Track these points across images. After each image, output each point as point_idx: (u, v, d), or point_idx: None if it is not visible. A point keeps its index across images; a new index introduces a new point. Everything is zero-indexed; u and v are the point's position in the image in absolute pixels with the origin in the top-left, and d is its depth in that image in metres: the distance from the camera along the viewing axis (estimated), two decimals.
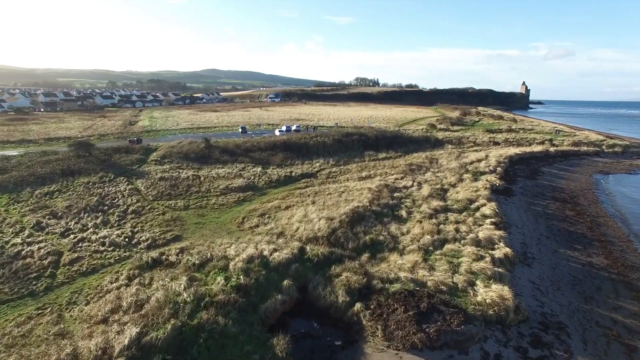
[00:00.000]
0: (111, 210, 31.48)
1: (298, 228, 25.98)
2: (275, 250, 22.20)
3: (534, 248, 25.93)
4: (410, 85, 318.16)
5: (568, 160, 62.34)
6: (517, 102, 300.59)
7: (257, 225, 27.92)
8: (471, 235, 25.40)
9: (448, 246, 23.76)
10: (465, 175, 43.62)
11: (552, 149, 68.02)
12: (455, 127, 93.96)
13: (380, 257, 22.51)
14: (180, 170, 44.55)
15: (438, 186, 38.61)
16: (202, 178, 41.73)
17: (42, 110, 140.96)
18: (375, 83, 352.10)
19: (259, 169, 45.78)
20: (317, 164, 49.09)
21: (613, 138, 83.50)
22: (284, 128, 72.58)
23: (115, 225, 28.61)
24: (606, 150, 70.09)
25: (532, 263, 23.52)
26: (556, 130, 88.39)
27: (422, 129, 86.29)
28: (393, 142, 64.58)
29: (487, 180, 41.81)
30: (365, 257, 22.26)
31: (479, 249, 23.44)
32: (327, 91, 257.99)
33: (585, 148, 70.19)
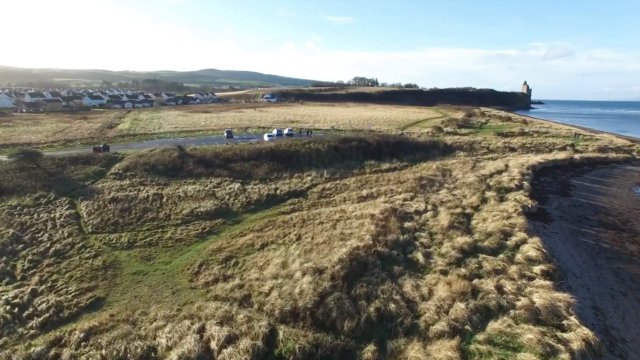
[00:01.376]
0: (25, 252, 23.35)
1: (271, 290, 17.87)
2: (229, 339, 14.18)
3: (614, 317, 17.93)
4: (409, 85, 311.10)
5: (597, 170, 54.37)
6: (518, 102, 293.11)
7: (215, 280, 19.81)
8: (522, 300, 17.36)
9: (494, 325, 15.71)
10: (488, 193, 35.67)
11: (576, 155, 59.91)
12: (463, 130, 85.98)
13: (394, 350, 14.43)
14: (141, 188, 36.50)
15: (458, 210, 30.64)
16: (164, 198, 33.68)
17: (24, 110, 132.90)
18: (374, 83, 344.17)
19: (237, 185, 37.69)
20: (309, 178, 40.99)
21: None
22: (274, 132, 64.52)
23: (19, 277, 20.50)
24: (637, 157, 62.14)
25: (627, 353, 15.49)
26: (576, 134, 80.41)
27: (428, 133, 78.33)
28: (397, 149, 56.44)
29: (516, 200, 33.91)
30: (369, 351, 14.17)
31: (541, 328, 15.46)
32: (325, 91, 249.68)
33: (613, 155, 62.17)
